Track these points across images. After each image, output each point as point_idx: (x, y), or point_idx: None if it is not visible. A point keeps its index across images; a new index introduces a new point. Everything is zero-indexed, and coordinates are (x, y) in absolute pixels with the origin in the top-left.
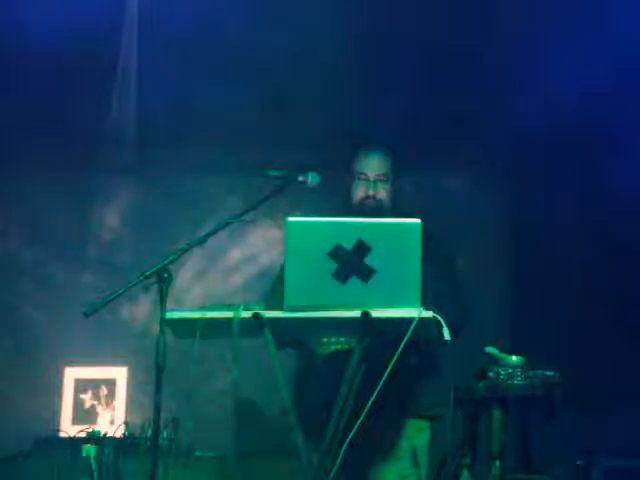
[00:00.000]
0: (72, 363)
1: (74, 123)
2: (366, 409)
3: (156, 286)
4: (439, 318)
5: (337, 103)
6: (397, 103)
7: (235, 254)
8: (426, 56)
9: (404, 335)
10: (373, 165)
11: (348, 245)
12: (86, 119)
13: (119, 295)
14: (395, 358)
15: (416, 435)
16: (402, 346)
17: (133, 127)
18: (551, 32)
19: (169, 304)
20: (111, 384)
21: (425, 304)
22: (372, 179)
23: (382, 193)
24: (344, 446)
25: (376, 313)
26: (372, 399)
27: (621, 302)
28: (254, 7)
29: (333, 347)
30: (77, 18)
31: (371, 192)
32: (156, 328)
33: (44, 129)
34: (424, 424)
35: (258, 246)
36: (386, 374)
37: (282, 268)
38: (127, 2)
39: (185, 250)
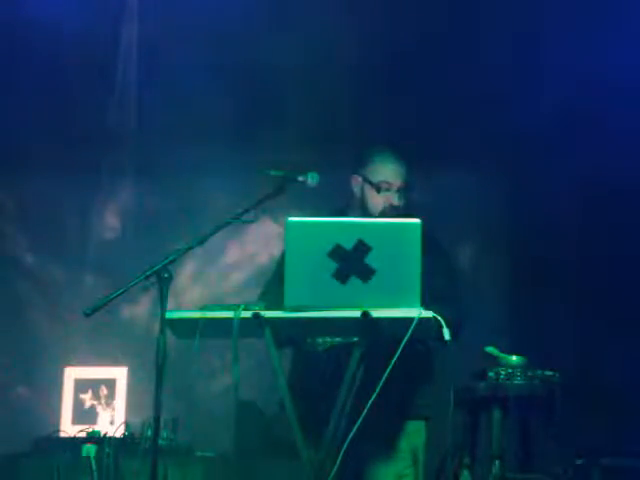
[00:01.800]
0: (72, 363)
1: (74, 123)
2: (366, 409)
3: (156, 286)
4: (439, 318)
5: (338, 103)
6: (398, 101)
7: (234, 251)
8: (426, 54)
9: (404, 335)
10: (399, 174)
11: (348, 245)
12: (86, 119)
13: (119, 295)
14: (395, 358)
15: (414, 435)
16: (402, 346)
17: (133, 127)
18: (549, 27)
19: (169, 304)
20: (111, 384)
21: (424, 303)
22: (394, 188)
23: (403, 202)
24: (344, 446)
25: (376, 313)
26: (372, 399)
27: (622, 301)
28: (255, 6)
29: (329, 344)
30: (77, 19)
31: (396, 202)
32: (156, 328)
33: (44, 130)
34: (421, 424)
35: (257, 243)
36: (386, 374)
37: (278, 265)
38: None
39: (185, 250)
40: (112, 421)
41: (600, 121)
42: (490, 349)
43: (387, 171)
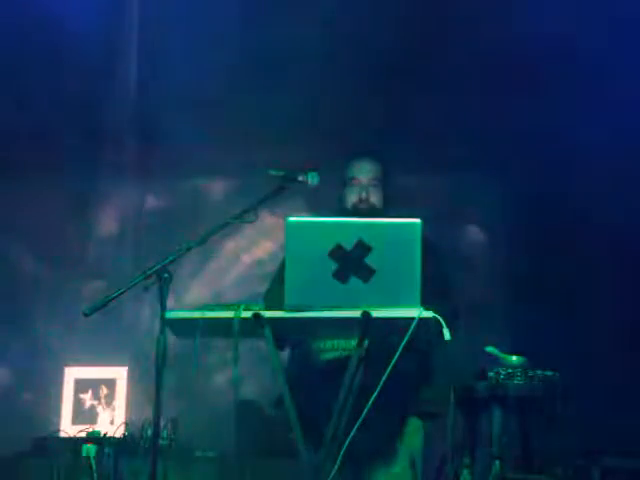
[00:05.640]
0: (72, 363)
1: (73, 123)
2: (366, 409)
3: (156, 286)
4: (439, 318)
5: (338, 103)
6: (398, 100)
7: (232, 245)
8: (425, 53)
9: (404, 335)
10: (365, 170)
11: (348, 245)
12: (86, 119)
13: (119, 295)
14: (395, 358)
15: (412, 436)
16: (402, 346)
17: (133, 127)
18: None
19: (169, 303)
20: (111, 384)
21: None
22: (364, 184)
23: (374, 197)
24: (344, 446)
25: (376, 313)
26: (372, 399)
27: (622, 301)
28: (256, 5)
29: (333, 354)
30: (78, 21)
31: (364, 196)
32: (156, 328)
33: (43, 130)
34: (420, 425)
35: (255, 236)
36: (386, 374)
37: (281, 266)
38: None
39: (185, 250)
40: (112, 421)
41: (602, 114)
42: (490, 349)
43: (354, 168)
